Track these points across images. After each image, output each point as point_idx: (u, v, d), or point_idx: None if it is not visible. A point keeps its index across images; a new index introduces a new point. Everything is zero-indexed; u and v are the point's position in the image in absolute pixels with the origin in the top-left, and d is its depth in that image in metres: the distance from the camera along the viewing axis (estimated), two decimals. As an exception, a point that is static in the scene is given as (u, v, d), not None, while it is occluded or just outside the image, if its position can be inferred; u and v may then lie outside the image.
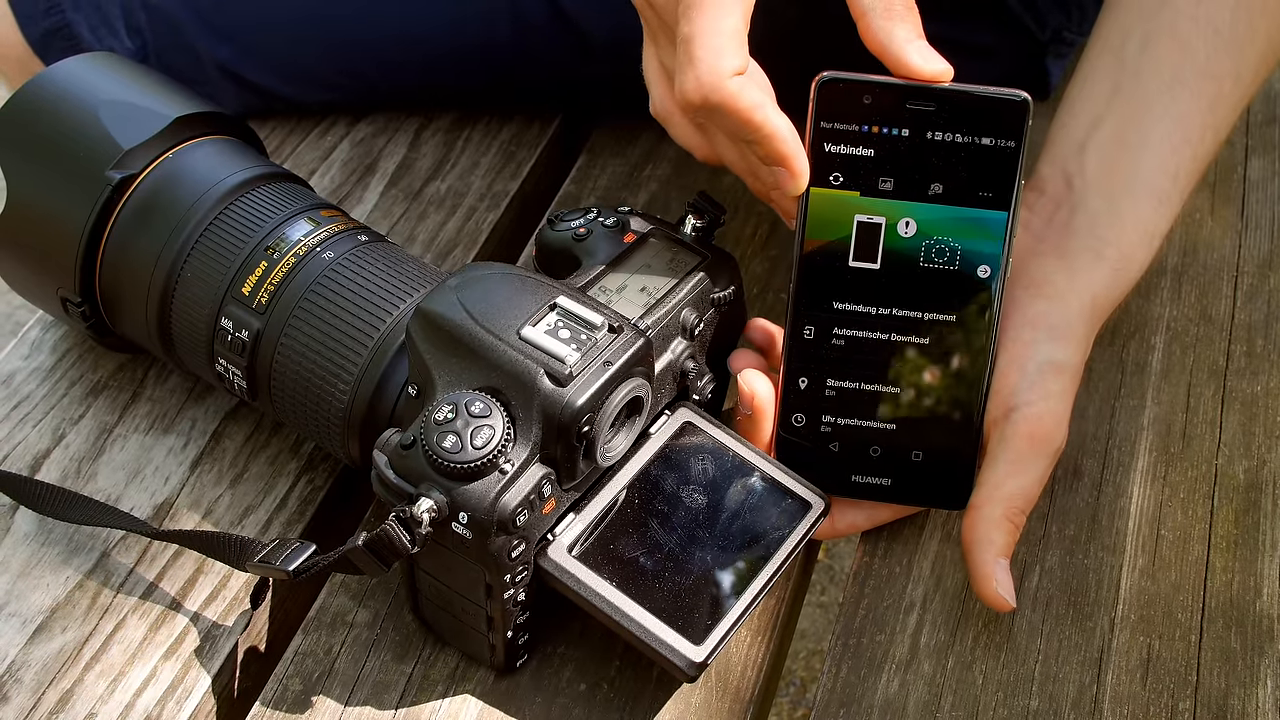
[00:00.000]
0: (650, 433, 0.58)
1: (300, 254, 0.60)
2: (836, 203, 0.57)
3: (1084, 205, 0.63)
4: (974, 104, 0.55)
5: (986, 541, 0.57)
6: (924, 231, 0.57)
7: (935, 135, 0.56)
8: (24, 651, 0.58)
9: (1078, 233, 0.63)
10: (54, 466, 0.65)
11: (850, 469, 0.60)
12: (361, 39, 0.84)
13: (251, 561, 0.54)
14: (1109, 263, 0.63)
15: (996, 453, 0.59)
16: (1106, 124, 0.64)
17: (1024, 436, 0.58)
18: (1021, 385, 0.59)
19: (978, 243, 0.57)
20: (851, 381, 0.59)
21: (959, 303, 0.58)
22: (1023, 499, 0.58)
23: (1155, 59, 0.64)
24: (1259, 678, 0.57)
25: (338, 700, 0.56)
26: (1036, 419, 0.58)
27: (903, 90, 0.55)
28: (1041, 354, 0.60)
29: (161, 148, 0.63)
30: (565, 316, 0.53)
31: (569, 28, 0.82)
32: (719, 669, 0.58)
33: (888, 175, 0.56)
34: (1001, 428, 0.59)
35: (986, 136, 0.56)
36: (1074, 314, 0.61)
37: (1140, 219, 0.63)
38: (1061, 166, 0.64)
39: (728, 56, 0.53)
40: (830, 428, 0.60)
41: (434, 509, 0.50)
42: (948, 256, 0.57)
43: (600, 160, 0.84)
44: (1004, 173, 0.56)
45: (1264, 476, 0.65)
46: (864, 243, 0.57)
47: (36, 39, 0.84)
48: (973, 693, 0.57)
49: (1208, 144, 0.64)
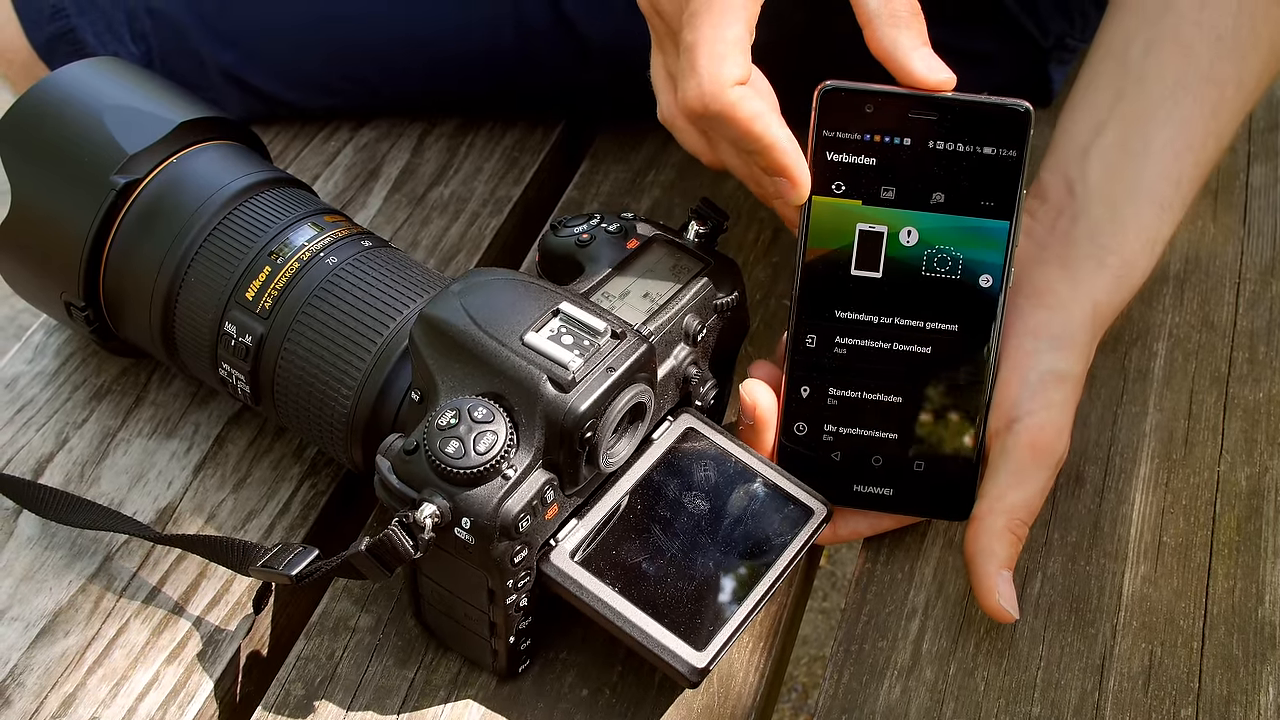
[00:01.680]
0: (653, 438, 0.58)
1: (304, 259, 0.60)
2: (839, 211, 0.57)
3: (1086, 212, 0.63)
4: (976, 113, 0.55)
5: (989, 553, 0.57)
6: (926, 241, 0.57)
7: (937, 144, 0.56)
8: (27, 655, 0.58)
9: (1080, 241, 0.63)
10: (57, 470, 0.66)
11: (852, 478, 0.60)
12: (365, 44, 0.84)
13: (254, 566, 0.54)
14: (1111, 270, 0.63)
15: (998, 464, 0.58)
16: (1109, 130, 0.64)
17: (1026, 447, 0.58)
18: (1023, 395, 0.59)
19: (980, 252, 0.57)
20: (853, 391, 0.59)
21: (961, 312, 0.58)
22: (1025, 510, 0.58)
23: (1158, 64, 0.64)
24: (1261, 684, 0.57)
25: (340, 705, 0.56)
26: (1038, 429, 0.58)
27: (905, 100, 0.55)
28: (1044, 364, 0.60)
29: (166, 153, 0.63)
30: (568, 322, 0.53)
31: (571, 33, 0.82)
32: (721, 675, 0.58)
33: (890, 184, 0.56)
34: (1003, 439, 0.59)
35: (988, 146, 0.56)
36: (1076, 323, 0.61)
37: (1143, 226, 0.63)
38: (1064, 173, 0.64)
39: (730, 65, 0.53)
40: (832, 437, 0.60)
41: (437, 514, 0.50)
42: (950, 266, 0.57)
43: (603, 166, 0.84)
44: (1006, 182, 0.56)
45: (1266, 483, 0.65)
46: (866, 252, 0.57)
47: (42, 44, 0.84)
48: (974, 699, 0.57)
49: (1210, 150, 0.64)
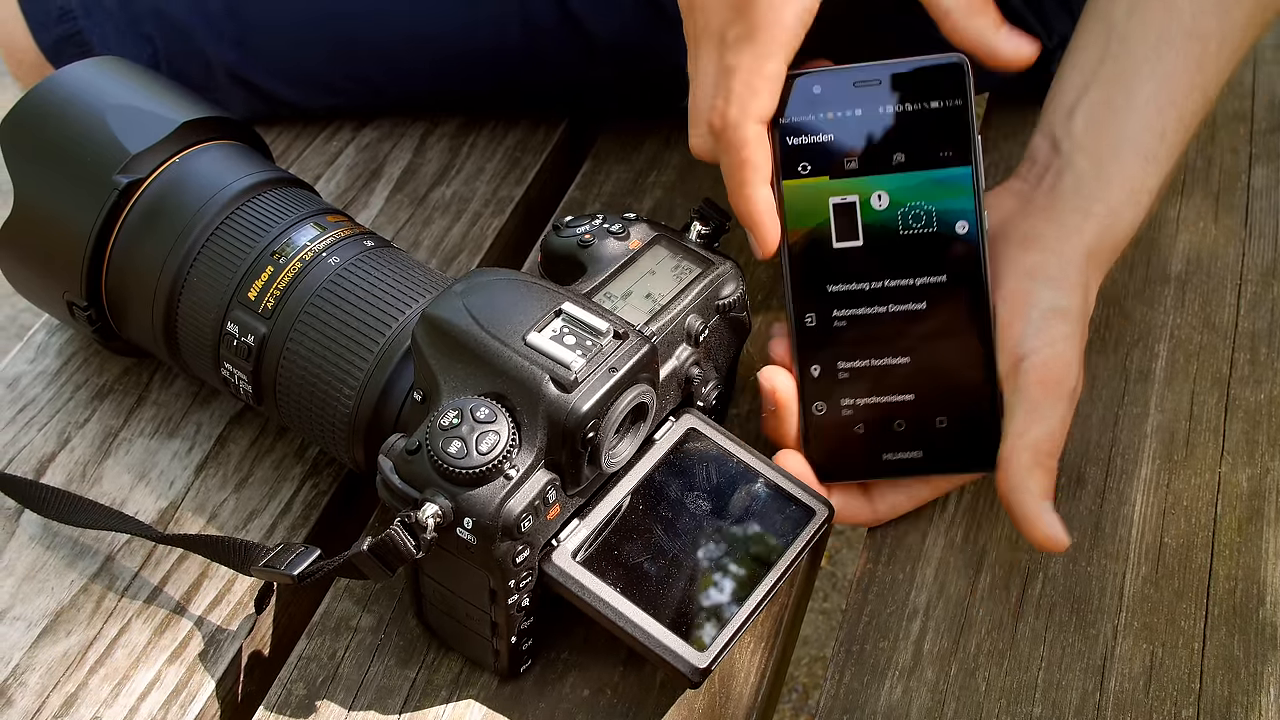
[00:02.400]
0: (655, 439, 0.58)
1: (306, 259, 0.60)
2: (809, 191, 0.59)
3: (1071, 166, 0.64)
4: (916, 74, 0.58)
5: (1023, 489, 0.57)
6: (897, 201, 0.59)
7: (887, 109, 0.59)
8: (29, 655, 0.58)
9: (1065, 193, 0.63)
10: (59, 470, 0.66)
11: (880, 448, 0.61)
12: (369, 42, 0.84)
13: (256, 566, 0.54)
14: (1097, 218, 0.63)
15: (1014, 403, 0.59)
16: (1094, 89, 0.65)
17: (1037, 384, 0.58)
18: (1027, 334, 0.59)
19: (950, 201, 0.59)
20: (861, 360, 0.60)
21: (946, 262, 0.60)
22: (1049, 443, 0.58)
23: (1142, 23, 0.65)
24: (1262, 685, 0.57)
25: (342, 705, 0.56)
26: (1045, 365, 0.59)
27: (847, 74, 0.58)
28: (1043, 301, 0.60)
29: (168, 153, 0.63)
30: (570, 322, 0.53)
31: (578, 30, 0.82)
32: (722, 675, 0.58)
33: (851, 155, 0.59)
34: (1014, 379, 0.59)
35: (934, 100, 0.59)
36: (1070, 263, 0.62)
37: (1127, 177, 0.64)
38: (1050, 133, 0.65)
39: (760, 100, 0.57)
40: (851, 410, 0.60)
41: (439, 514, 0.50)
42: (925, 220, 0.59)
43: (605, 166, 0.84)
44: (959, 131, 0.59)
45: (1267, 484, 0.65)
46: (843, 223, 0.59)
47: (49, 46, 0.84)
48: (975, 700, 0.57)
49: (1195, 103, 0.65)
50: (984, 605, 0.60)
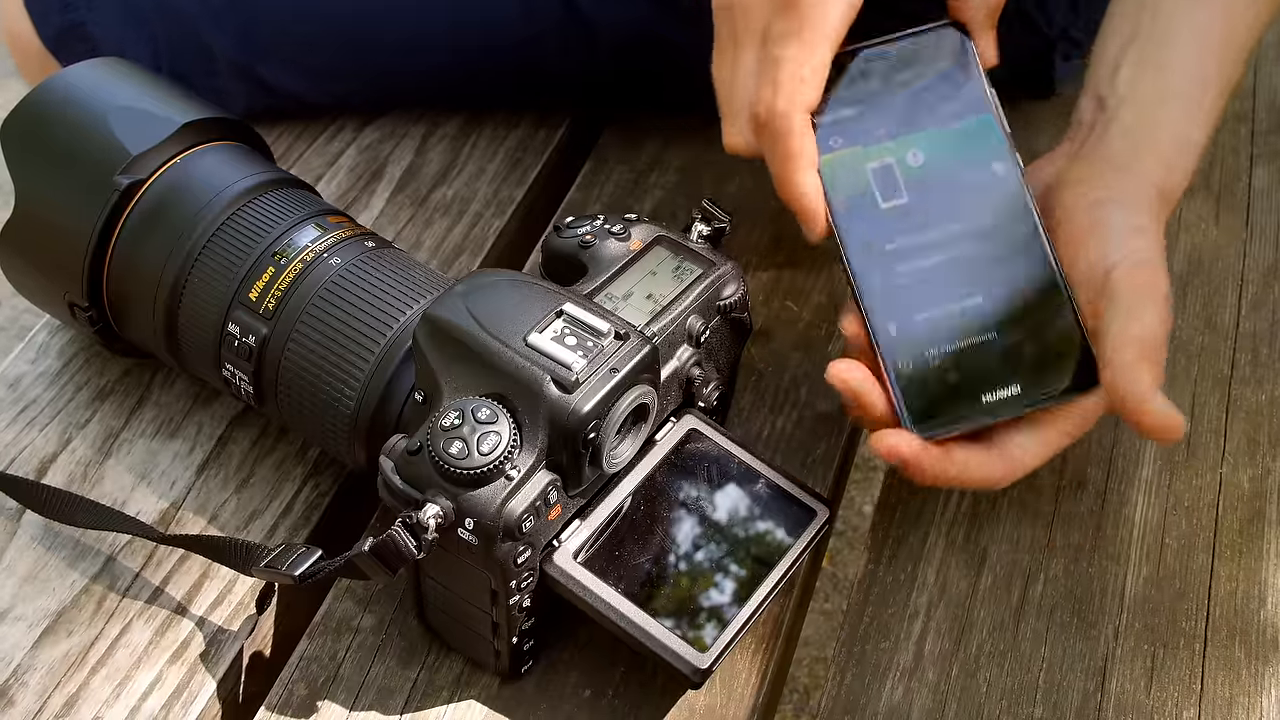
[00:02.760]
0: (656, 440, 0.58)
1: (307, 260, 0.60)
2: (846, 161, 0.61)
3: (1118, 119, 0.64)
4: (919, 44, 0.63)
5: (1132, 381, 0.57)
6: (932, 155, 0.62)
7: (900, 78, 0.63)
8: (30, 655, 0.58)
9: (1114, 142, 0.64)
10: (60, 470, 0.66)
11: (978, 390, 0.60)
12: (372, 34, 0.84)
13: (257, 566, 0.54)
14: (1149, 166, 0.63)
15: (1110, 312, 0.58)
16: (1133, 46, 0.65)
17: (1129, 289, 0.58)
18: (1110, 249, 0.60)
19: (981, 145, 0.62)
20: (935, 307, 0.60)
21: (991, 199, 0.62)
22: (1152, 338, 0.58)
23: None
24: (1264, 686, 0.57)
25: (343, 705, 0.56)
26: (1135, 271, 0.59)
27: (857, 52, 0.62)
28: (1119, 222, 0.60)
29: (169, 153, 0.63)
30: (572, 323, 0.53)
31: (581, 21, 0.82)
32: (723, 675, 0.58)
33: (878, 124, 0.62)
34: (1106, 292, 0.59)
35: (941, 62, 0.63)
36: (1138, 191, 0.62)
37: (1175, 125, 0.64)
38: (1095, 92, 0.65)
39: (808, 90, 0.59)
40: (939, 358, 0.60)
41: (440, 515, 0.50)
42: (962, 165, 0.62)
43: (606, 167, 0.84)
44: (970, 82, 0.63)
45: (1269, 485, 0.65)
46: (885, 184, 0.62)
47: (51, 37, 0.84)
48: (977, 700, 0.57)
49: (1232, 55, 0.65)
50: (985, 606, 0.60)
